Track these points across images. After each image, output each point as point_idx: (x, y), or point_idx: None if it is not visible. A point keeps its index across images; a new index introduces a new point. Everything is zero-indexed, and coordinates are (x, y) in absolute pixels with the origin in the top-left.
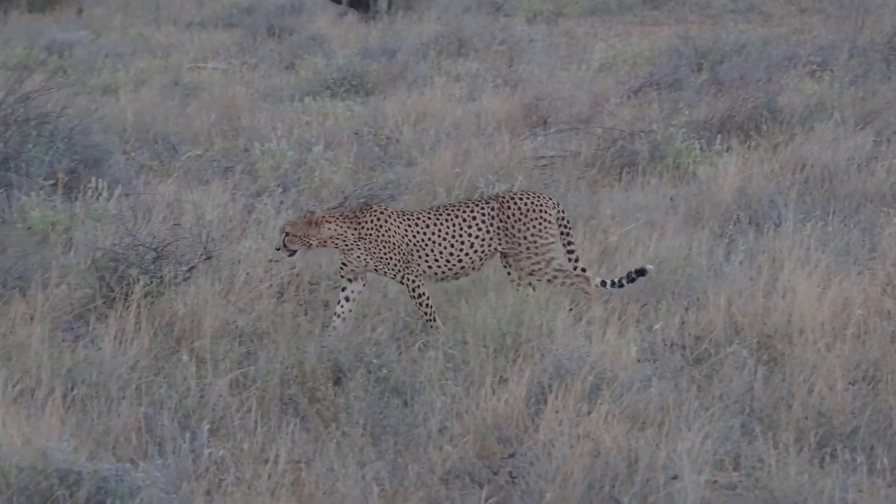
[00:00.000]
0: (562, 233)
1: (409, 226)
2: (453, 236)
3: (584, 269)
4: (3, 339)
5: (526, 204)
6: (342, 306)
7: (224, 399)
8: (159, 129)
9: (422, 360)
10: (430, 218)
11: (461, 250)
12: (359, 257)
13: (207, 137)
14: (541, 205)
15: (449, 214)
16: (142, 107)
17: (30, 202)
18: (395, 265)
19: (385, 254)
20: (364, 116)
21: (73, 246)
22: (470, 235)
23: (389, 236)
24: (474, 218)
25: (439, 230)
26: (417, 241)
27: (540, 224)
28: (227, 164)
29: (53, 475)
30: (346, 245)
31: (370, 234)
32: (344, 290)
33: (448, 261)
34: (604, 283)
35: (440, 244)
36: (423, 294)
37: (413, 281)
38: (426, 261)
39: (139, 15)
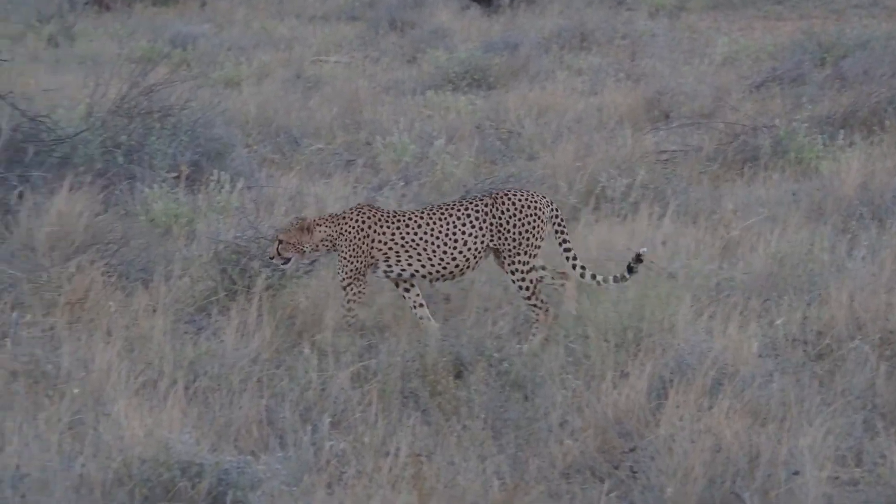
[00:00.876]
0: (557, 231)
1: (398, 227)
2: (447, 235)
3: (583, 267)
4: (126, 330)
5: (520, 201)
6: (411, 299)
7: (345, 392)
8: (281, 123)
9: (543, 354)
10: (422, 218)
11: (455, 249)
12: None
13: (329, 131)
14: (535, 203)
15: (442, 214)
16: (264, 100)
17: (153, 194)
18: (348, 271)
19: (347, 254)
20: (486, 110)
21: (195, 238)
22: (464, 234)
23: (359, 242)
24: (468, 216)
25: (432, 230)
26: (407, 242)
27: (532, 222)
28: (348, 157)
29: (175, 467)
30: (333, 244)
31: (346, 233)
32: (407, 291)
33: (442, 260)
34: (606, 280)
35: (433, 244)
36: (353, 310)
37: (350, 300)
38: (419, 260)
39: (262, 8)
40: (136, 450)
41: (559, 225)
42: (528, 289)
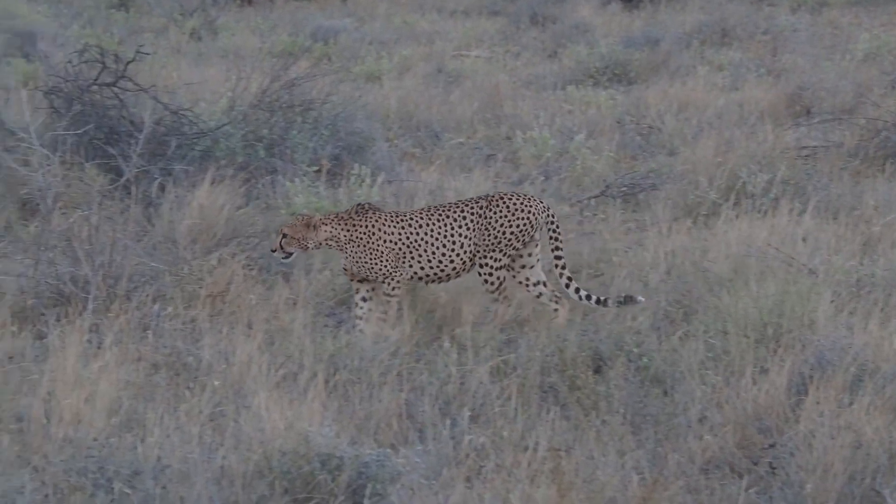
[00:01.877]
0: (551, 238)
1: (403, 228)
2: (445, 237)
3: (570, 279)
4: (266, 323)
5: (514, 204)
6: (361, 308)
7: (484, 386)
8: (422, 117)
9: (682, 350)
10: (422, 219)
11: (452, 251)
12: (347, 258)
13: (470, 125)
14: (528, 207)
15: (440, 215)
16: (405, 94)
17: (294, 188)
18: (380, 270)
19: (369, 259)
20: (626, 105)
21: None
22: (461, 236)
23: (377, 242)
24: (464, 218)
25: (431, 231)
26: (410, 243)
27: (521, 226)
28: (489, 151)
29: (315, 459)
30: (339, 246)
31: (359, 238)
32: (358, 291)
33: (440, 262)
34: (588, 297)
35: (433, 245)
36: (398, 299)
37: (394, 288)
38: (419, 262)
39: (403, 3)
40: (276, 442)
41: (554, 231)
42: (493, 283)
